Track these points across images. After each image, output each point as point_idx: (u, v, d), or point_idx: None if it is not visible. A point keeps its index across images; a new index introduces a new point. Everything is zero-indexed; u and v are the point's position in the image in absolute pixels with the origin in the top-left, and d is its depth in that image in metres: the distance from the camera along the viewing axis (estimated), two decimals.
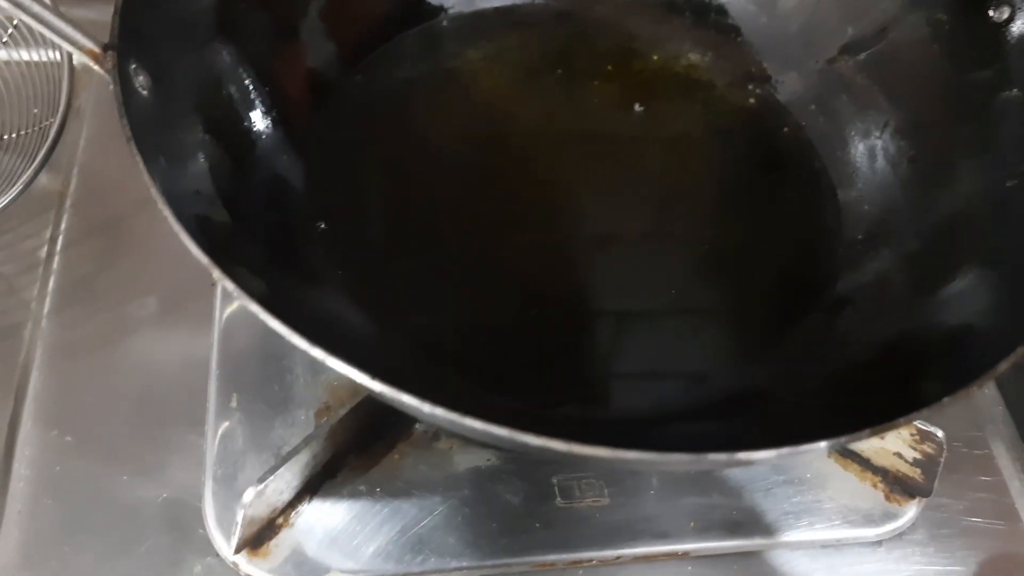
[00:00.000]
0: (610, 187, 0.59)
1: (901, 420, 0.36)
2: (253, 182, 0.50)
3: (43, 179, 0.61)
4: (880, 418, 0.36)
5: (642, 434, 0.46)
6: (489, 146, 0.59)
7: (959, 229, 0.51)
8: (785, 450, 0.34)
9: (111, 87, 0.41)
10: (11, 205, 0.55)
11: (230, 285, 0.36)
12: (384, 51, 0.60)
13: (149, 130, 0.41)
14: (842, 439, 0.35)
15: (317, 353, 0.34)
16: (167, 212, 0.37)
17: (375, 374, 0.34)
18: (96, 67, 0.41)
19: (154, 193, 0.37)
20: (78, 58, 0.60)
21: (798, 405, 0.45)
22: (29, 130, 0.59)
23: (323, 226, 0.52)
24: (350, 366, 0.34)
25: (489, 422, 0.33)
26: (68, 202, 0.61)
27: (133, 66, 0.43)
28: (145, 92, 0.43)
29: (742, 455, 0.34)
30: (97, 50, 0.41)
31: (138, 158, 0.38)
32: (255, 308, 0.35)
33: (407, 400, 0.34)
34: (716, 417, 0.47)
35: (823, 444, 0.35)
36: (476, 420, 0.34)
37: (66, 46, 0.41)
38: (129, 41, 0.42)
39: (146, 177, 0.38)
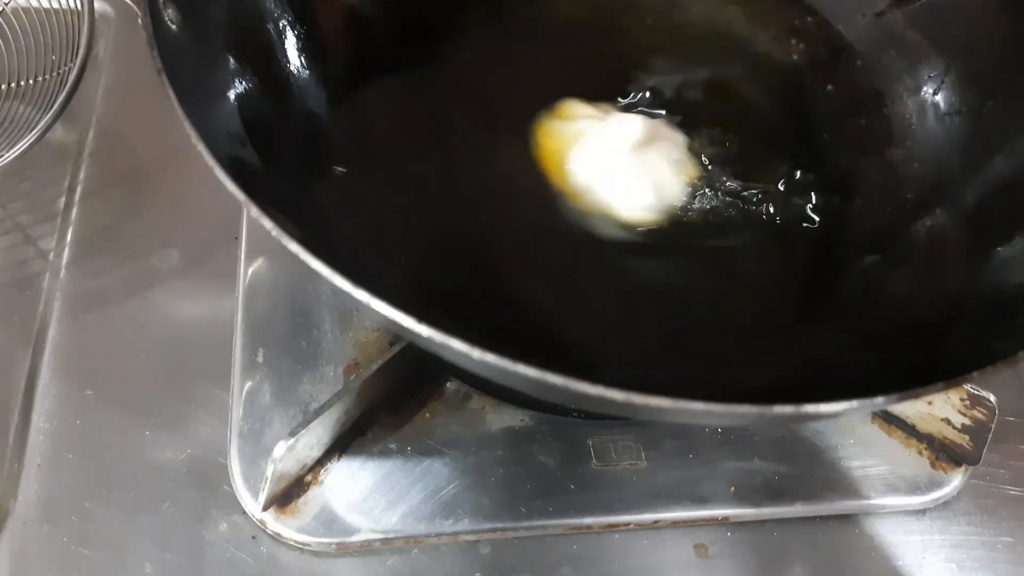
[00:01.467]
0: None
1: (975, 374, 0.34)
2: (284, 125, 0.48)
3: (60, 129, 0.60)
4: (950, 373, 0.34)
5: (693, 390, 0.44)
6: (517, 97, 0.57)
7: (1017, 187, 0.48)
8: (855, 403, 0.33)
9: (139, 20, 0.39)
10: (28, 153, 0.53)
11: (268, 223, 0.34)
12: None
13: (179, 66, 0.39)
14: (912, 392, 0.34)
15: (360, 295, 0.33)
16: (201, 147, 0.35)
17: (422, 318, 0.32)
18: None
19: (187, 127, 0.35)
20: (99, 5, 0.60)
21: (858, 365, 0.43)
22: (46, 76, 0.57)
23: (341, 170, 0.50)
24: (397, 310, 0.32)
25: (543, 370, 0.32)
26: (86, 152, 0.59)
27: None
28: (175, 27, 0.41)
29: (809, 408, 0.32)
30: None
31: (170, 91, 0.36)
32: (295, 247, 0.33)
33: (456, 346, 0.32)
34: (770, 378, 0.45)
35: (895, 396, 0.33)
36: (529, 368, 0.32)
37: None
38: None
39: (179, 111, 0.35)
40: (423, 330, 0.32)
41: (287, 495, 0.46)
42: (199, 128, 0.36)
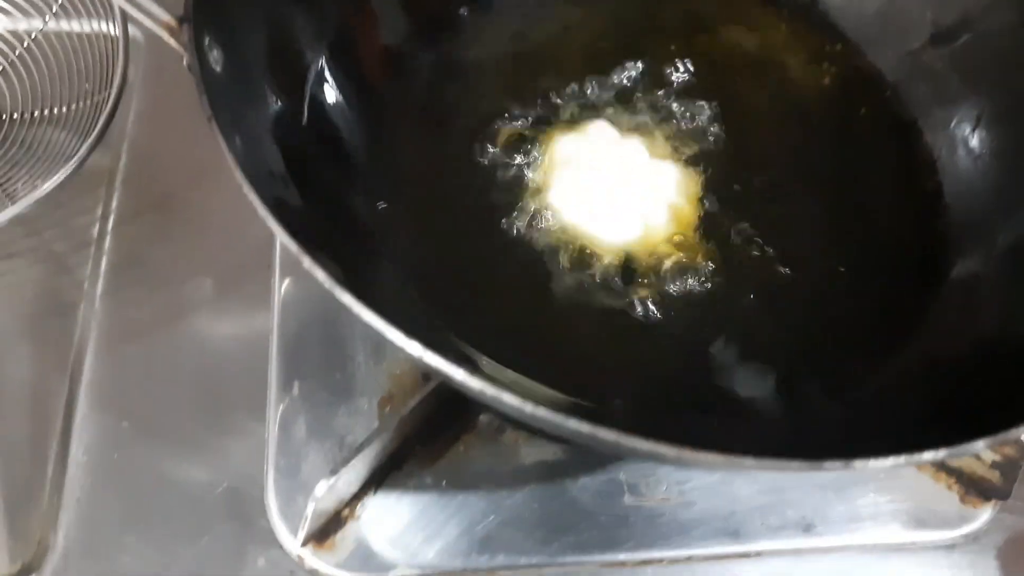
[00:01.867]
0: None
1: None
2: (324, 161, 0.48)
3: (93, 155, 0.59)
4: (996, 425, 0.35)
5: (721, 434, 0.44)
6: (544, 126, 0.57)
7: None
8: (902, 458, 0.33)
9: (185, 62, 0.40)
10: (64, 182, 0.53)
11: (321, 275, 0.34)
12: (452, 25, 0.58)
13: (224, 108, 0.39)
14: (957, 449, 0.34)
15: (414, 348, 0.33)
16: (253, 197, 0.35)
17: (474, 371, 0.33)
18: (172, 41, 0.39)
19: (239, 177, 0.35)
20: (134, 31, 0.60)
21: (895, 410, 0.43)
22: (80, 104, 0.58)
23: (383, 206, 0.50)
24: (449, 362, 0.32)
25: (598, 425, 0.32)
26: (119, 178, 0.59)
27: (207, 40, 0.41)
28: (219, 68, 0.41)
29: (858, 463, 0.32)
30: (174, 23, 0.39)
31: (220, 139, 0.36)
32: (348, 300, 0.34)
33: (507, 400, 0.33)
34: (798, 417, 0.45)
35: (942, 452, 0.33)
36: (583, 423, 0.32)
37: (142, 19, 0.39)
38: (203, 12, 0.40)
39: (230, 160, 0.36)
40: (474, 383, 0.33)
41: (324, 530, 0.47)
42: (248, 174, 0.36)
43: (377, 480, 0.48)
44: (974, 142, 0.54)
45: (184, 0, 0.40)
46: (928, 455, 0.33)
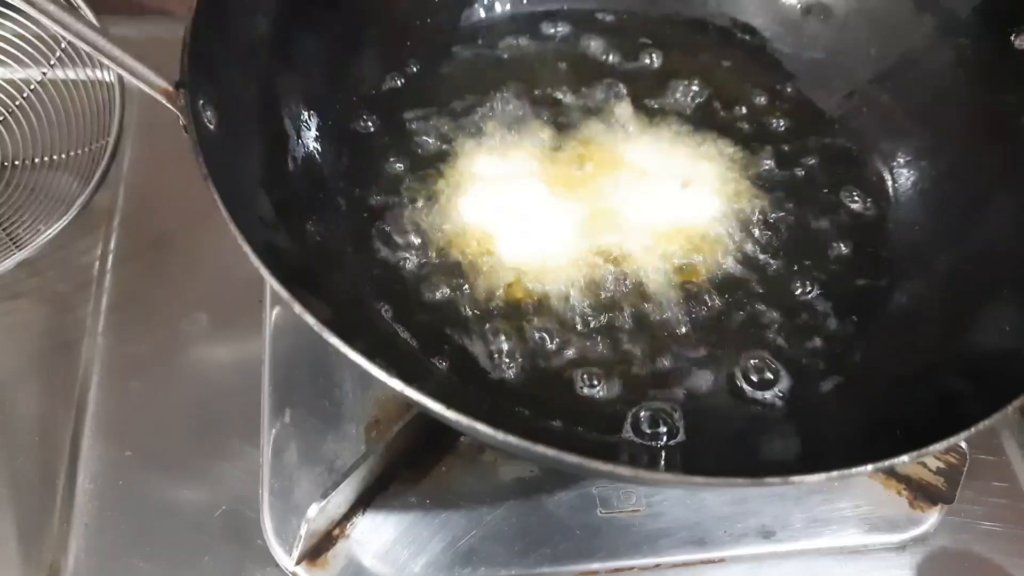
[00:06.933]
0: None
1: (941, 444, 0.38)
2: (312, 206, 0.52)
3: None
4: (921, 440, 0.38)
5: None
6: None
7: (992, 254, 0.53)
8: (835, 473, 0.37)
9: (181, 123, 0.43)
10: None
11: (311, 320, 0.38)
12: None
13: (218, 164, 0.43)
14: (886, 463, 0.38)
15: (412, 393, 0.36)
16: (247, 247, 0.38)
17: (455, 407, 0.36)
18: (168, 105, 0.43)
19: (233, 230, 0.39)
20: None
21: (829, 423, 0.47)
22: (80, 151, 0.61)
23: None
24: (435, 401, 0.36)
25: (560, 450, 0.36)
26: (117, 219, 0.63)
27: (201, 102, 0.44)
28: (212, 126, 0.45)
29: (796, 479, 0.36)
30: (171, 89, 0.43)
31: (216, 197, 0.40)
32: (336, 342, 0.37)
33: (481, 429, 0.36)
34: (749, 433, 0.49)
35: (869, 468, 0.37)
36: (547, 448, 0.36)
37: (142, 86, 0.43)
38: (198, 76, 0.44)
39: (225, 215, 0.39)
40: (451, 415, 0.36)
41: (317, 549, 0.50)
42: (240, 224, 0.40)
43: (365, 501, 0.52)
44: (915, 171, 0.59)
45: (180, 65, 0.43)
46: (855, 470, 0.37)
